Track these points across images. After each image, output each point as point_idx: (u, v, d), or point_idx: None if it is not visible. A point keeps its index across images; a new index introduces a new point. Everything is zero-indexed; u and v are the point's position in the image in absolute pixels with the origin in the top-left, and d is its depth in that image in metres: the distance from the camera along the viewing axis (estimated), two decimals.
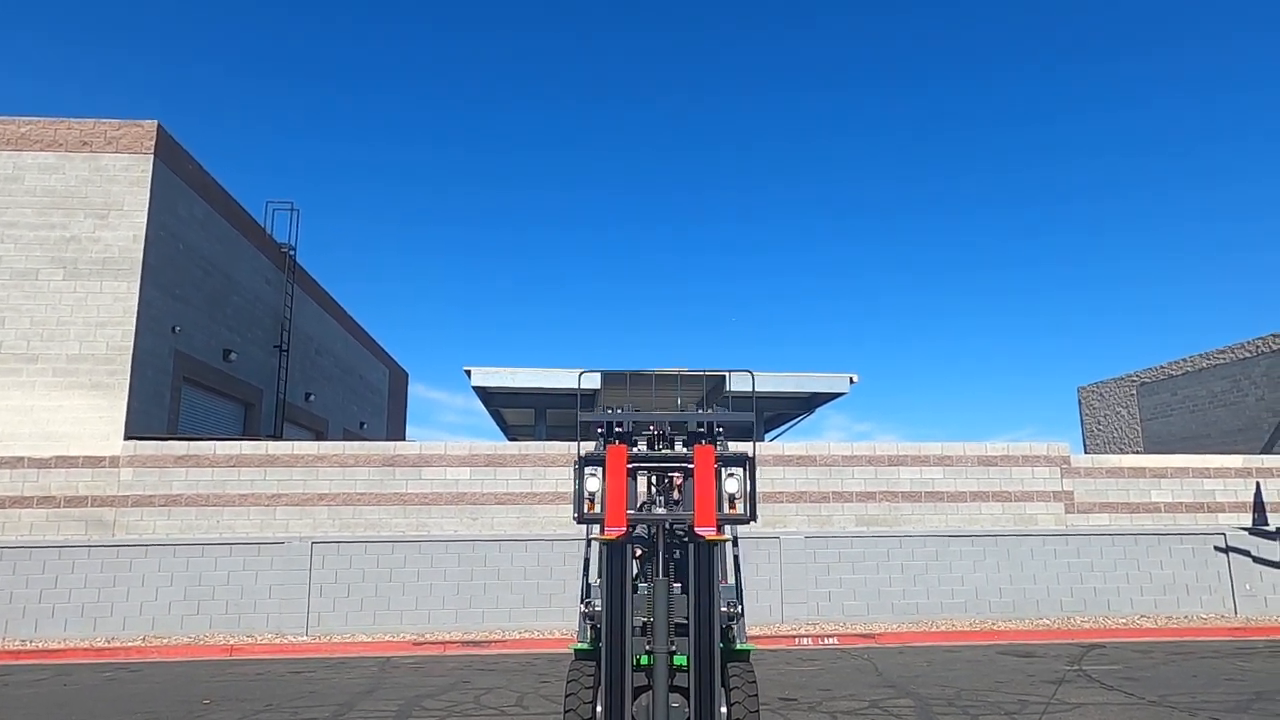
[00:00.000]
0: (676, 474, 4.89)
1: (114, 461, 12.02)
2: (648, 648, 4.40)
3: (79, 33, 73.85)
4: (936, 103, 73.18)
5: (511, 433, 25.54)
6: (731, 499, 4.41)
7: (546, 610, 11.73)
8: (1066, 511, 13.35)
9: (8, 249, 12.51)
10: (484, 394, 17.66)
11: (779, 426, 22.61)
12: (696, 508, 4.39)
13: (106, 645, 10.60)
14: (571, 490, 12.49)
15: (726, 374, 14.49)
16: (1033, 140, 72.14)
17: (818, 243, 78.09)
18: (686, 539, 4.66)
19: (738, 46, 77.23)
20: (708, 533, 4.27)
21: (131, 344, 12.37)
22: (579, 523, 4.69)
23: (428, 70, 79.27)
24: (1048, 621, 12.14)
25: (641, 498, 5.19)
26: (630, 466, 4.63)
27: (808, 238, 77.90)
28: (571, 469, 12.61)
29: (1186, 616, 12.51)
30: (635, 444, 4.80)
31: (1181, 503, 13.61)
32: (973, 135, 73.47)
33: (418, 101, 79.79)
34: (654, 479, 4.94)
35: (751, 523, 4.61)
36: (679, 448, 4.99)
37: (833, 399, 18.30)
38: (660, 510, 4.78)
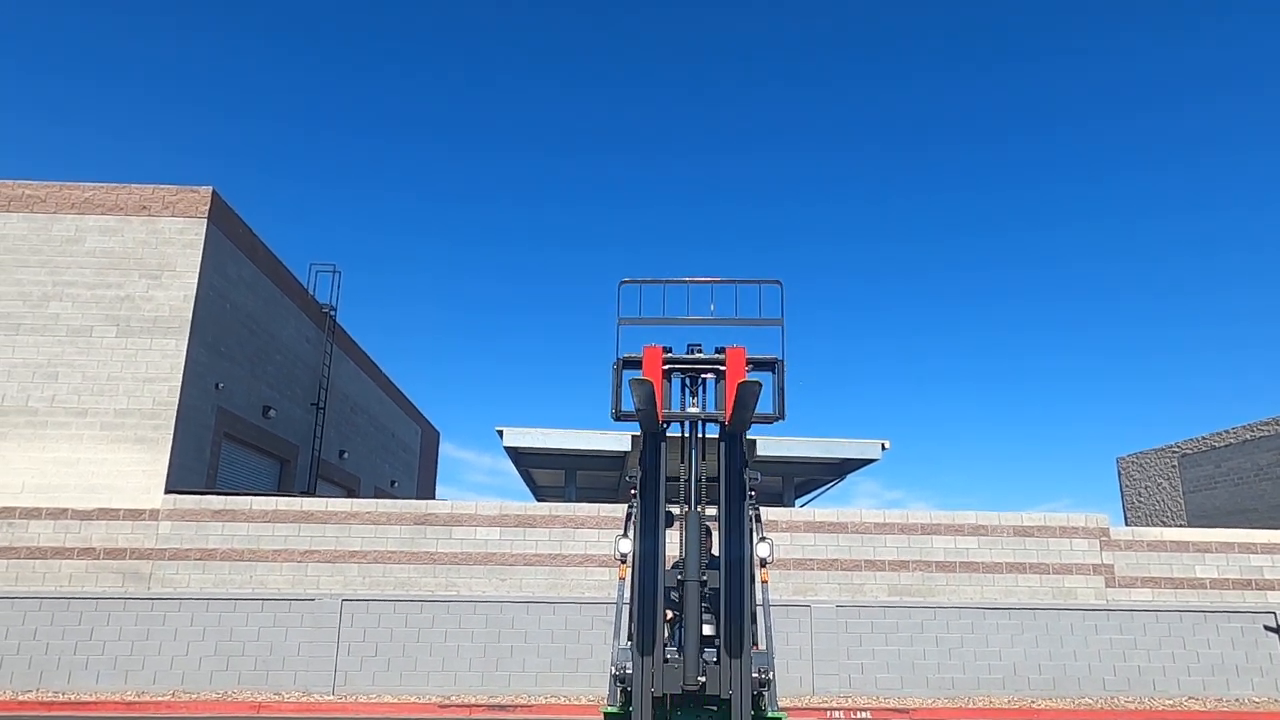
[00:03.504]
0: (709, 373, 5.09)
1: (154, 515, 12.26)
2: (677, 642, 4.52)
3: (120, 84, 77.71)
4: (971, 160, 73.84)
5: (541, 493, 25.55)
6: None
7: (573, 675, 11.58)
8: (1107, 585, 12.99)
9: (65, 307, 13.05)
10: (515, 454, 17.77)
11: (810, 492, 22.38)
12: (729, 403, 4.57)
13: (137, 699, 10.66)
14: (601, 552, 12.52)
15: (755, 438, 14.81)
16: (1072, 202, 72.28)
17: (849, 303, 78.19)
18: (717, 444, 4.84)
19: (764, 99, 78.99)
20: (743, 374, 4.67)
21: (177, 399, 12.73)
22: (615, 419, 4.97)
23: (453, 124, 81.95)
24: (1090, 700, 11.72)
25: (673, 560, 5.21)
26: (665, 369, 4.94)
27: (838, 297, 78.05)
28: (600, 531, 12.64)
29: (1237, 699, 12.01)
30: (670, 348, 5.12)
31: (1228, 579, 13.18)
32: (1011, 194, 73.84)
33: (450, 156, 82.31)
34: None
35: (780, 420, 4.98)
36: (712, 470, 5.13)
37: (864, 465, 18.13)
38: (694, 409, 5.03)
